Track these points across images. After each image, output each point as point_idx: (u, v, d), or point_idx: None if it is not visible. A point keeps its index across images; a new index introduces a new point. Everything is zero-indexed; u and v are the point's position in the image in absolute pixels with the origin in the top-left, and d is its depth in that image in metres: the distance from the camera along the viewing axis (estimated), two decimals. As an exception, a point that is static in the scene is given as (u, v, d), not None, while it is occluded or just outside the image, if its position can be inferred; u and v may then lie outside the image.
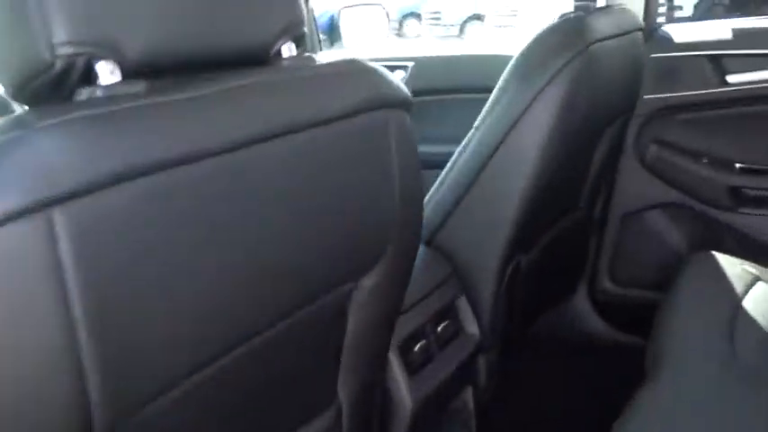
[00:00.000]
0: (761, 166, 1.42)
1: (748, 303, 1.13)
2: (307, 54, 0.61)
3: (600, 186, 1.47)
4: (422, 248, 1.11)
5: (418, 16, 10.89)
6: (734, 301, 1.13)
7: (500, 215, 1.08)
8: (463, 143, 1.08)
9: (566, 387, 1.51)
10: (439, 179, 1.11)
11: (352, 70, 0.62)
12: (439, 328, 1.04)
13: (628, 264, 1.60)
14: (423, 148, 1.94)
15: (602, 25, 1.11)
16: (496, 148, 1.05)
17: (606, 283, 1.63)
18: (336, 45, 2.21)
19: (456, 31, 10.18)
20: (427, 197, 1.13)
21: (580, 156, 1.25)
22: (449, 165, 1.10)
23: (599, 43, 1.07)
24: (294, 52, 0.60)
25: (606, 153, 1.38)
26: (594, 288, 1.64)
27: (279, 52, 0.59)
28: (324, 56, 2.13)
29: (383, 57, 1.97)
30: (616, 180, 1.55)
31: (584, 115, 1.12)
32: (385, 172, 0.64)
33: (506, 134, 1.04)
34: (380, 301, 0.71)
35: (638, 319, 1.58)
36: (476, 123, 1.07)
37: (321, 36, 2.19)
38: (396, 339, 0.92)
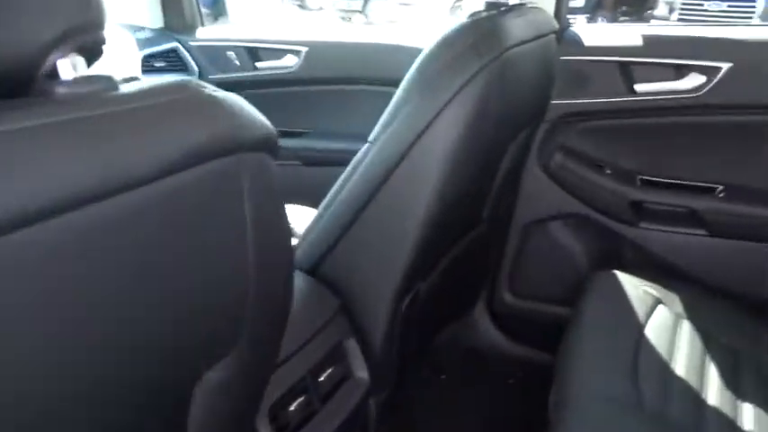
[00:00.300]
0: (662, 179, 1.38)
1: (650, 332, 1.08)
2: (105, 73, 0.41)
3: (504, 196, 1.38)
4: (304, 280, 0.94)
5: (321, -12, 10.52)
6: (636, 329, 1.08)
7: (397, 241, 0.94)
8: (356, 158, 0.92)
9: (462, 406, 1.42)
10: (326, 199, 0.94)
11: (187, 104, 0.44)
12: (322, 378, 0.88)
13: (528, 275, 1.53)
14: (317, 144, 1.74)
15: (517, 28, 0.98)
16: (396, 165, 0.89)
17: (505, 295, 1.55)
18: (221, 20, 1.96)
19: (359, 5, 9.95)
20: (313, 220, 0.96)
21: (487, 168, 1.13)
22: (338, 182, 0.93)
23: (515, 48, 0.94)
24: (82, 71, 0.40)
25: (512, 161, 1.28)
26: (493, 299, 1.56)
27: (53, 73, 0.38)
28: (206, 32, 1.88)
29: (273, 38, 1.75)
30: (520, 188, 1.47)
31: (495, 125, 0.99)
32: (234, 235, 0.46)
33: (408, 149, 0.89)
34: (234, 393, 0.54)
35: (537, 333, 1.53)
36: (371, 136, 0.91)
37: (203, 10, 1.93)
38: (266, 401, 0.76)
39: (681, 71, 1.33)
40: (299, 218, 1.33)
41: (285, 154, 1.82)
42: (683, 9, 6.60)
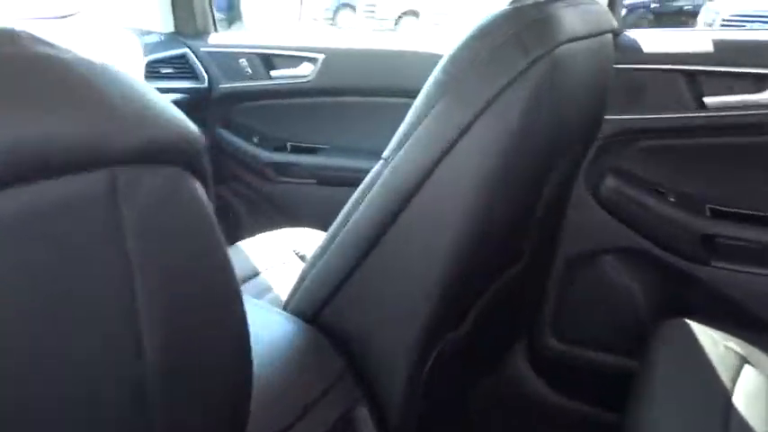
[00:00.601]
0: (738, 210, 1.16)
1: (739, 401, 0.86)
2: None
3: (548, 225, 1.17)
4: (301, 329, 0.75)
5: (353, 8, 10.57)
6: (722, 396, 0.86)
7: (419, 282, 0.74)
8: (366, 180, 0.73)
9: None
10: (330, 230, 0.76)
11: (12, 70, 0.26)
12: None
13: (574, 318, 1.31)
14: (334, 161, 1.55)
15: (570, 20, 0.79)
16: (416, 189, 0.70)
17: (548, 340, 1.34)
18: (236, 26, 1.82)
19: (391, 25, 9.92)
20: (313, 255, 0.78)
21: (529, 194, 0.93)
22: (345, 209, 0.74)
23: (568, 44, 0.74)
24: None
25: (559, 184, 1.08)
26: (534, 344, 1.35)
27: None
28: (218, 38, 1.74)
29: (288, 44, 1.60)
30: (564, 215, 1.26)
31: (544, 140, 0.80)
32: (113, 292, 0.28)
33: (431, 168, 0.70)
34: None
35: (588, 384, 1.31)
36: (386, 152, 0.72)
37: (218, 14, 1.79)
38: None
39: (763, 82, 1.12)
40: (312, 244, 1.15)
41: (299, 172, 1.66)
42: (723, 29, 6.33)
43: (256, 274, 1.22)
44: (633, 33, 1.23)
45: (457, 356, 0.92)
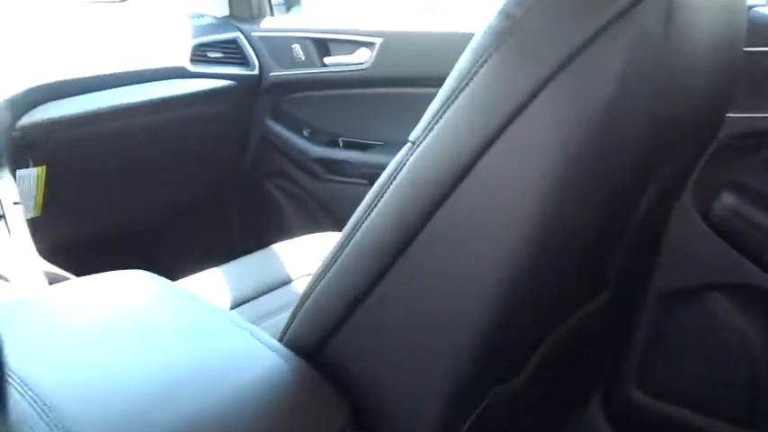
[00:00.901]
0: None
1: None
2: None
3: (641, 248, 0.93)
4: (295, 367, 0.57)
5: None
6: None
7: (455, 315, 0.54)
8: (388, 170, 0.54)
9: None
10: (336, 243, 0.56)
11: None
12: None
13: (667, 367, 1.06)
14: (389, 160, 1.35)
15: None
16: (454, 186, 0.50)
17: (632, 392, 1.09)
18: (294, 10, 1.70)
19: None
20: (315, 274, 0.59)
21: (619, 204, 0.70)
22: (356, 215, 0.55)
23: None
24: None
25: (657, 198, 0.83)
26: (613, 396, 1.10)
27: None
28: (271, 22, 1.61)
29: (344, 28, 1.44)
30: (662, 238, 1.02)
31: (644, 126, 0.57)
32: None
33: (476, 156, 0.49)
34: None
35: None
36: (413, 133, 0.53)
37: (275, 0, 1.67)
38: None
39: None
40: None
41: (350, 170, 1.50)
42: None
43: (288, 281, 1.08)
44: (765, 9, 0.96)
45: (510, 412, 0.70)
